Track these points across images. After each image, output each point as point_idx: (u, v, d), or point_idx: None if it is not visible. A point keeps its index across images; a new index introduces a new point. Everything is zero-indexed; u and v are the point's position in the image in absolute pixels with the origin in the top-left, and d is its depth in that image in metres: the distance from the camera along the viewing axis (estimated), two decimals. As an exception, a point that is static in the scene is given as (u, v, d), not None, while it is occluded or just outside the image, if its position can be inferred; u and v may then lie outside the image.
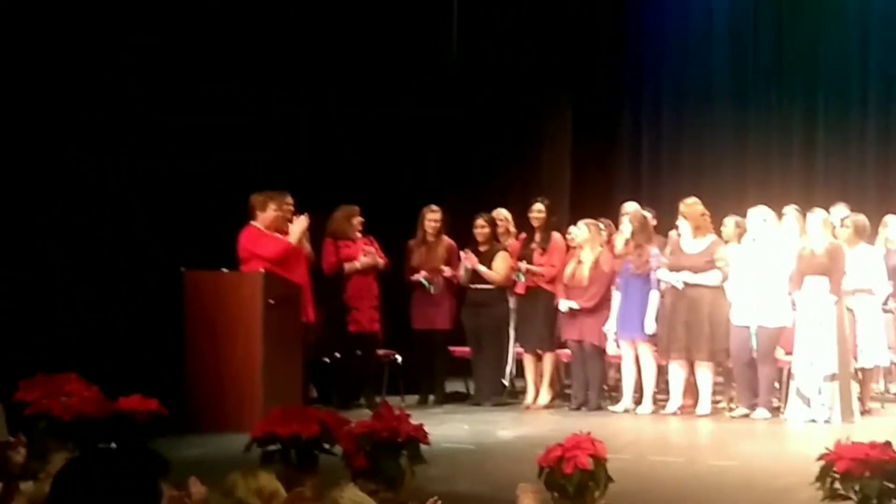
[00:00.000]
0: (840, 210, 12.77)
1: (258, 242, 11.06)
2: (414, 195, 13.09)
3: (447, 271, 12.61)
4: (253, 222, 11.18)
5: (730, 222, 12.45)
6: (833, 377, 11.07)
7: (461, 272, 12.58)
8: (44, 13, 10.49)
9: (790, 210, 12.10)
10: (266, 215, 11.18)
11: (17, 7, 10.39)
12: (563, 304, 12.17)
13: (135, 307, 10.72)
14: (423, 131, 14.29)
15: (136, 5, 11.17)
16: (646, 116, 17.28)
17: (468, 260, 12.47)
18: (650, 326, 11.81)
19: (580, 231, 12.28)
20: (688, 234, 11.85)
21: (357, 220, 12.30)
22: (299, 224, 11.20)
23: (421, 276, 12.60)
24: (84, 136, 10.65)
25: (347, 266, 12.25)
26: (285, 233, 11.18)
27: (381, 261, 12.37)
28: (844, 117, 16.21)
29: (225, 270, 10.80)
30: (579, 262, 12.21)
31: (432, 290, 12.60)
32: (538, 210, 12.59)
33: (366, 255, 12.30)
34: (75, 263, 10.48)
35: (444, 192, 13.91)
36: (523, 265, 12.44)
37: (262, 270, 10.65)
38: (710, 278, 11.65)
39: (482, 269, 12.45)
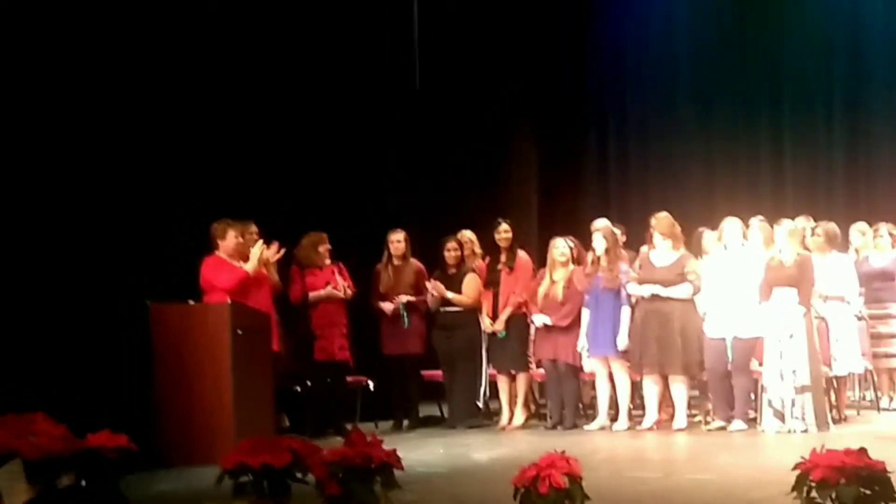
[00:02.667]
0: (802, 222, 12.76)
1: (215, 272, 11.00)
2: (381, 220, 13.03)
3: (411, 298, 12.53)
4: (216, 252, 11.12)
5: (710, 235, 12.38)
6: (804, 388, 11.04)
7: (429, 298, 12.52)
8: None
9: (755, 221, 12.07)
10: (227, 243, 11.12)
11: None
12: (538, 319, 12.12)
13: (101, 342, 10.61)
14: (388, 155, 14.26)
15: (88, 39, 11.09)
16: (612, 133, 17.32)
17: (434, 289, 12.42)
18: (622, 342, 11.77)
19: (566, 249, 12.19)
20: (662, 248, 11.81)
21: (324, 248, 12.23)
22: (255, 251, 11.14)
23: (400, 303, 12.51)
24: (41, 167, 10.56)
25: (312, 294, 12.18)
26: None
27: (344, 293, 12.25)
28: (810, 127, 16.30)
29: (191, 302, 10.72)
30: (553, 281, 12.16)
31: (406, 324, 12.54)
32: (504, 230, 12.56)
33: (334, 285, 12.21)
34: (39, 299, 10.37)
35: (410, 216, 13.87)
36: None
37: (229, 301, 10.58)
38: (680, 291, 11.61)
39: (450, 295, 12.40)
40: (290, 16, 13.22)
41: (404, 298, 12.50)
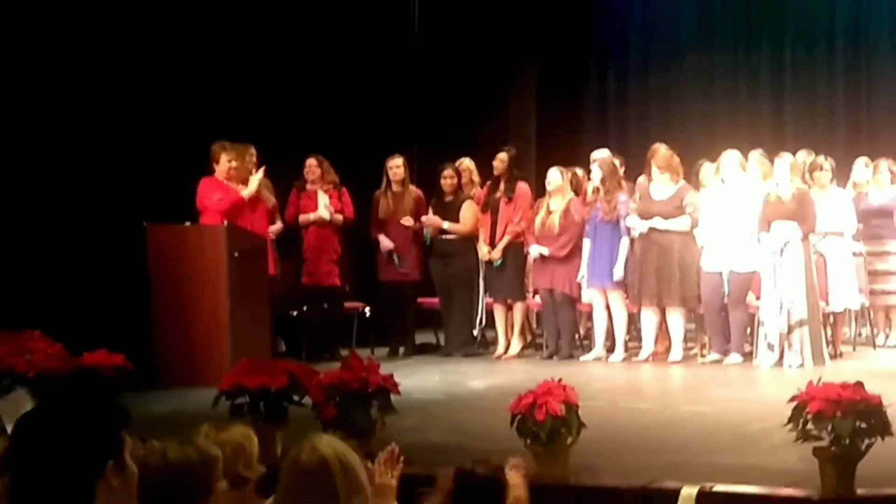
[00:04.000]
0: (803, 156, 12.71)
1: (209, 194, 10.99)
2: (382, 146, 12.99)
3: (409, 221, 12.52)
4: (216, 174, 11.09)
5: (709, 167, 12.36)
6: (802, 322, 11.03)
7: (424, 232, 12.53)
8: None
9: (754, 155, 12.02)
10: (221, 167, 11.09)
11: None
12: (534, 250, 12.10)
13: (98, 262, 10.61)
14: (391, 84, 14.23)
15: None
16: (613, 65, 17.21)
17: (429, 223, 12.41)
18: (618, 273, 11.76)
19: (554, 177, 12.17)
20: (659, 181, 11.77)
21: (308, 170, 12.19)
22: (254, 178, 11.11)
23: (391, 248, 12.51)
24: (39, 91, 10.52)
25: (301, 217, 12.19)
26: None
27: (332, 217, 12.19)
28: (812, 62, 16.20)
29: (188, 224, 10.69)
30: (549, 210, 12.13)
31: (400, 266, 12.53)
32: (500, 159, 12.53)
33: (326, 208, 12.19)
34: (37, 220, 10.36)
35: (411, 143, 13.85)
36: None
37: (225, 223, 10.56)
38: (679, 224, 11.59)
39: (446, 224, 12.39)
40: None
41: (408, 221, 12.48)
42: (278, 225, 11.91)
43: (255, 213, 11.15)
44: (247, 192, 11.06)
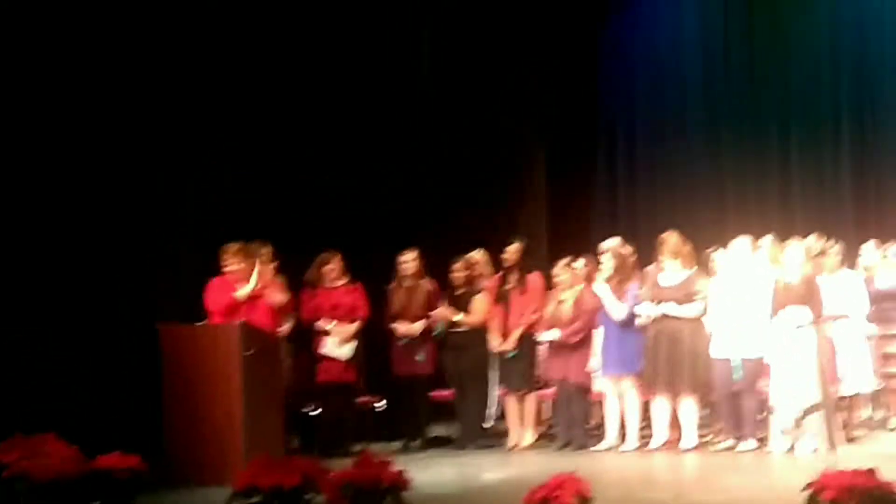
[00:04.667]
0: (813, 241, 12.76)
1: (209, 296, 11.05)
2: (394, 240, 13.02)
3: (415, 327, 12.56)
4: (226, 275, 11.15)
5: (720, 255, 12.39)
6: (815, 407, 11.01)
7: (436, 326, 12.56)
8: None
9: (766, 240, 12.08)
10: (227, 269, 11.12)
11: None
12: (546, 336, 12.12)
13: (111, 363, 10.65)
14: (400, 174, 14.31)
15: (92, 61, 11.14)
16: (620, 153, 17.30)
17: (440, 315, 12.44)
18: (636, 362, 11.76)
19: (560, 272, 12.23)
20: (670, 268, 11.81)
21: (327, 268, 12.22)
22: (253, 277, 11.13)
23: (436, 319, 12.55)
24: (51, 187, 10.61)
25: (318, 324, 12.18)
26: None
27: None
28: (819, 145, 16.28)
29: (200, 324, 10.73)
30: (559, 301, 12.17)
31: (417, 355, 12.54)
32: (510, 251, 12.59)
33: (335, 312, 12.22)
34: (50, 321, 10.41)
35: (421, 237, 13.91)
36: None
37: (238, 322, 10.59)
38: (689, 310, 11.61)
39: (457, 317, 12.42)
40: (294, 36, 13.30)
41: (418, 326, 12.50)
42: (286, 327, 11.89)
43: (256, 311, 11.11)
44: (241, 292, 11.09)
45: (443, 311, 12.46)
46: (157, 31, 11.51)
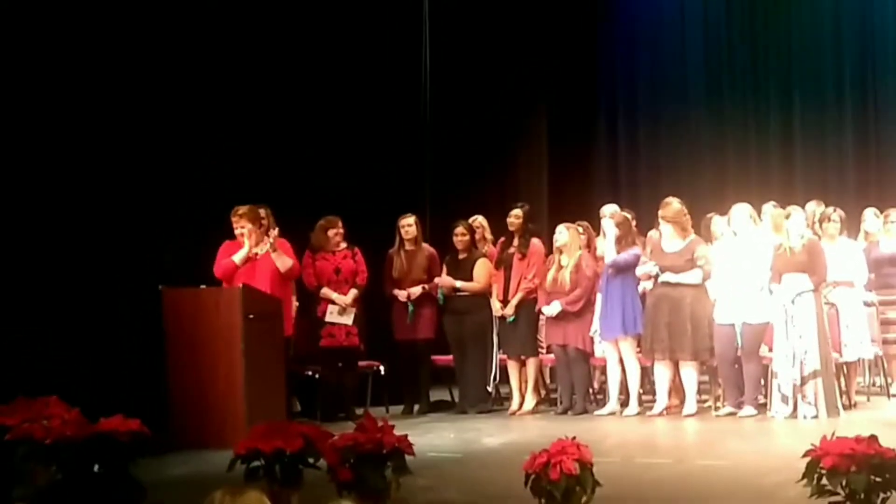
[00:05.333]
0: (813, 207, 12.77)
1: (217, 259, 11.15)
2: (394, 205, 13.04)
3: (420, 290, 12.58)
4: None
5: (719, 220, 12.44)
6: (815, 374, 11.04)
7: (438, 292, 12.57)
8: None
9: (767, 207, 12.10)
10: (236, 231, 11.16)
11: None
12: (547, 310, 12.12)
13: (114, 326, 10.65)
14: (401, 142, 14.31)
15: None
16: (622, 118, 17.32)
17: (442, 283, 12.45)
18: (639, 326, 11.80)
19: (561, 234, 12.24)
20: (668, 235, 11.82)
21: (333, 232, 12.22)
22: (246, 244, 11.15)
23: (410, 300, 12.55)
24: (56, 153, 10.59)
25: (323, 291, 12.15)
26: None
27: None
28: (821, 113, 16.30)
29: (203, 287, 10.73)
30: (560, 266, 12.17)
31: (410, 318, 12.56)
32: (515, 215, 12.56)
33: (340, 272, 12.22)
34: (53, 285, 10.41)
35: (422, 202, 13.91)
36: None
37: (240, 286, 10.61)
38: (690, 277, 11.61)
39: (459, 283, 12.43)
40: (302, 4, 13.26)
41: (417, 290, 12.51)
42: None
43: (255, 276, 11.12)
44: (238, 256, 11.11)
45: (445, 279, 12.47)
46: (152, 12, 11.49)
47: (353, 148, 13.52)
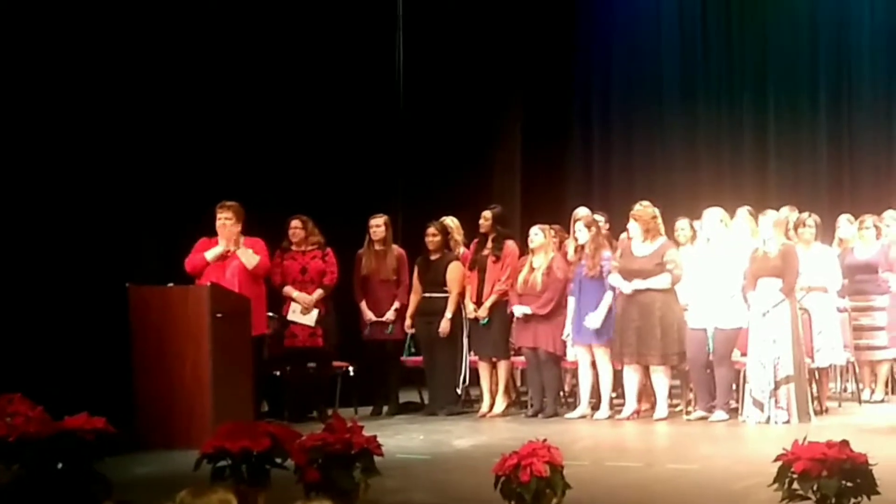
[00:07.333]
0: (787, 212, 12.75)
1: (190, 255, 11.15)
2: (365, 206, 12.97)
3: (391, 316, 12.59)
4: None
5: (684, 224, 12.46)
6: (788, 378, 11.02)
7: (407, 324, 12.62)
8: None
9: (742, 211, 12.08)
10: (218, 221, 11.15)
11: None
12: (518, 310, 12.08)
13: (80, 324, 10.56)
14: (374, 142, 14.26)
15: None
16: (596, 120, 17.28)
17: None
18: (596, 321, 11.71)
19: (536, 236, 12.19)
20: (638, 238, 11.78)
21: (291, 231, 12.13)
22: (220, 243, 11.11)
23: (373, 319, 12.54)
24: (25, 148, 10.50)
25: (286, 290, 12.10)
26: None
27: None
28: (795, 118, 16.31)
29: (171, 285, 10.65)
30: (532, 268, 12.13)
31: (390, 332, 12.53)
32: (485, 217, 12.53)
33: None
34: (18, 281, 10.31)
35: (395, 202, 13.86)
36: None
37: (208, 284, 10.54)
38: (659, 282, 11.57)
39: (450, 313, 12.30)
40: (277, 5, 13.20)
41: (390, 316, 12.54)
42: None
43: (224, 274, 11.08)
44: (210, 254, 11.09)
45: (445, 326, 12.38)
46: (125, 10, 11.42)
47: (328, 148, 13.47)
